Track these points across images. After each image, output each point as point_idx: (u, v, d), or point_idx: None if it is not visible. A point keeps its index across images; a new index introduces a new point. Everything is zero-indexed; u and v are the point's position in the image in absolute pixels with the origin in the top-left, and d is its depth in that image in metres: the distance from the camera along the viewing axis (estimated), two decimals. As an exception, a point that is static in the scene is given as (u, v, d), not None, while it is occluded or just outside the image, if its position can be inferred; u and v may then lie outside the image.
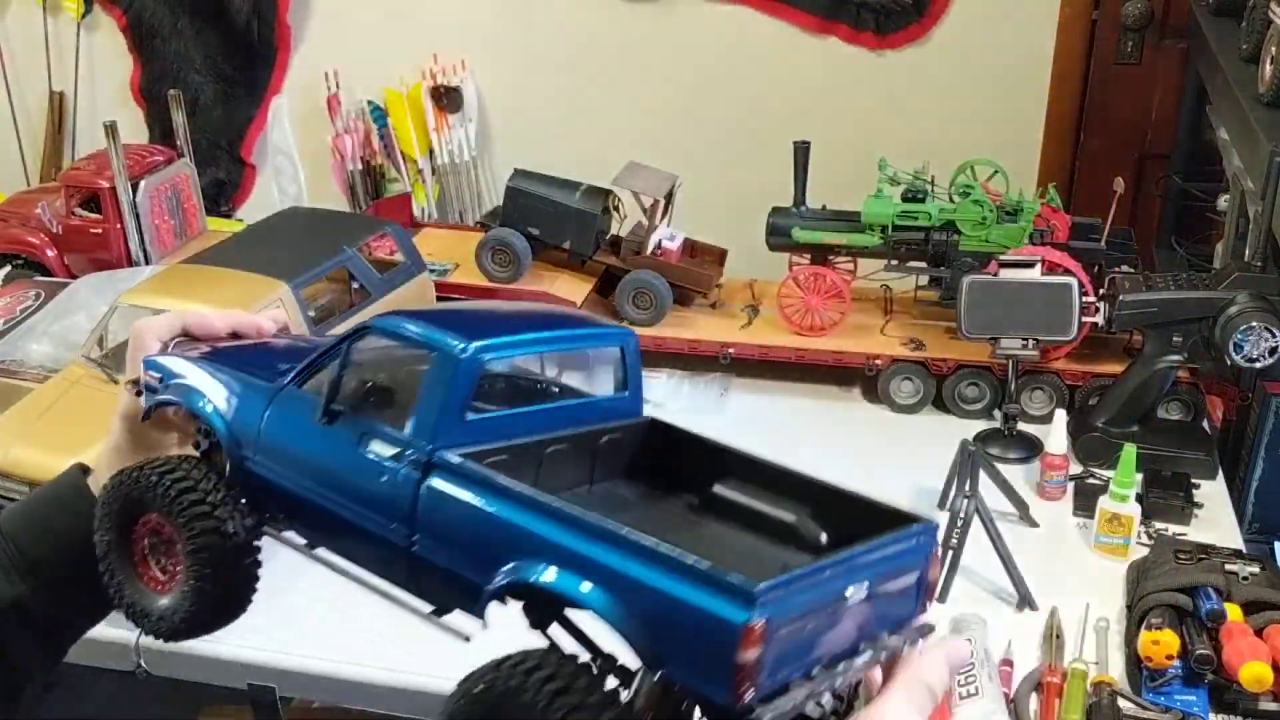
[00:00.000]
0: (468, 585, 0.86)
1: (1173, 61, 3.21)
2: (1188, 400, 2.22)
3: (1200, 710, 1.57)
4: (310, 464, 0.97)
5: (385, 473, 0.91)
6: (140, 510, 1.01)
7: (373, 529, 0.91)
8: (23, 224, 2.64)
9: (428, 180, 3.79)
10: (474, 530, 0.86)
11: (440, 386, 0.90)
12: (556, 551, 0.81)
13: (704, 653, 0.74)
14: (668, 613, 0.75)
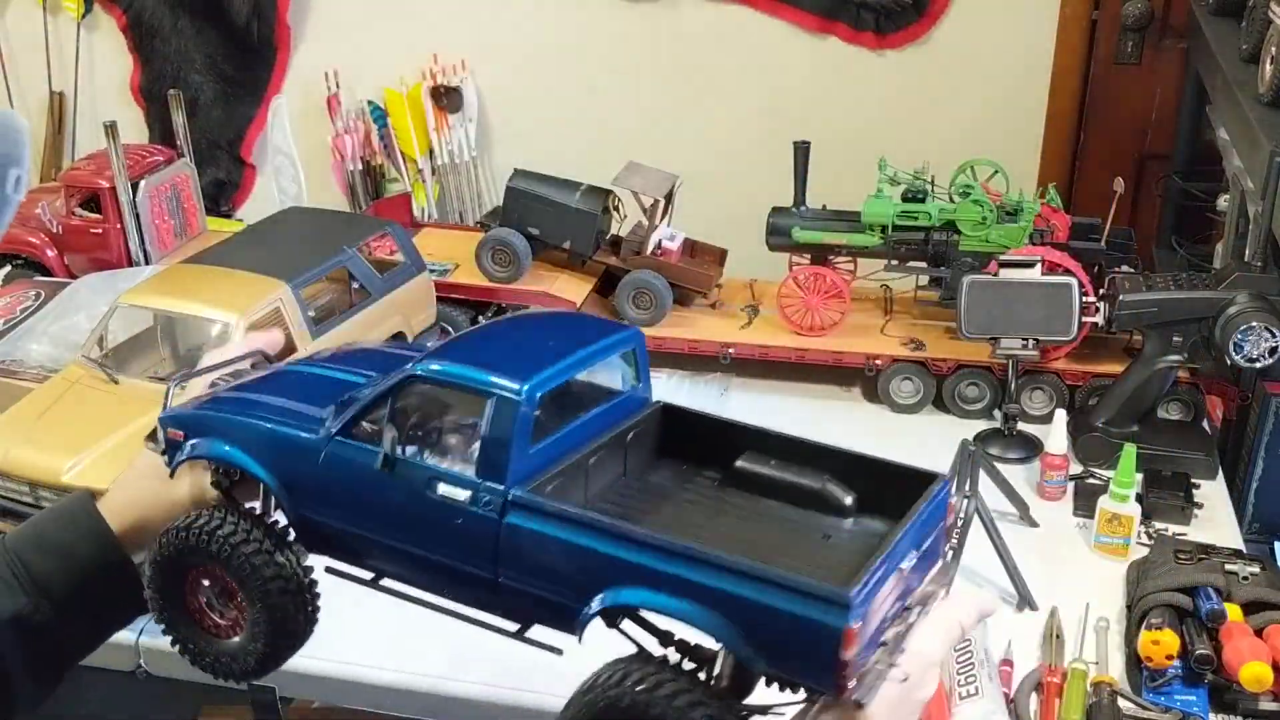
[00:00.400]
0: (560, 608, 0.93)
1: (1173, 61, 3.21)
2: (1188, 400, 2.23)
3: (1200, 710, 1.57)
4: (376, 512, 1.00)
5: (460, 515, 0.96)
6: (192, 564, 1.06)
7: (453, 565, 0.97)
8: (23, 224, 2.64)
9: (428, 180, 3.79)
10: (561, 560, 0.92)
11: (503, 429, 0.95)
12: (648, 574, 0.88)
13: (807, 655, 0.83)
14: (767, 622, 0.84)
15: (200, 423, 1.10)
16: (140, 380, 1.91)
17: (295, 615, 1.05)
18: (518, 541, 0.94)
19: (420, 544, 0.98)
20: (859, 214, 2.39)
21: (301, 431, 1.05)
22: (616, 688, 0.86)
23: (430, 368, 0.99)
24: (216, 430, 1.09)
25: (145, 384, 1.90)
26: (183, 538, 1.04)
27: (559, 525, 0.92)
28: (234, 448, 1.07)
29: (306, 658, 1.75)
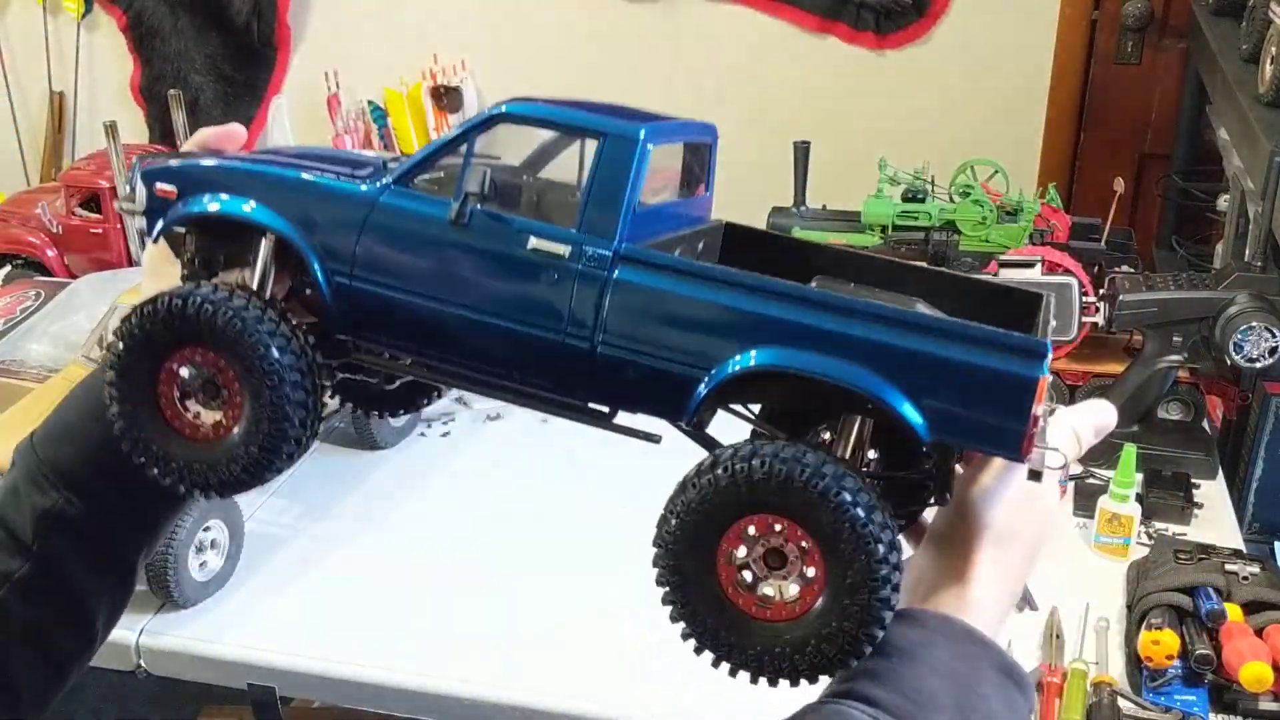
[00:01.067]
0: (670, 379, 0.83)
1: (1173, 61, 3.21)
2: (1188, 400, 2.22)
3: (1200, 710, 1.57)
4: (442, 271, 0.87)
5: (556, 271, 0.84)
6: (176, 346, 0.88)
7: (535, 333, 0.85)
8: (23, 224, 2.64)
9: (428, 180, 3.79)
10: (686, 320, 0.82)
11: (617, 175, 0.84)
12: (798, 331, 0.79)
13: (994, 412, 0.77)
14: (949, 379, 0.77)
15: (200, 176, 0.93)
16: (140, 380, 1.91)
17: (305, 415, 0.88)
18: (629, 299, 0.83)
19: (497, 310, 0.86)
20: (859, 214, 2.39)
21: (339, 180, 0.90)
22: (748, 461, 0.77)
23: (523, 108, 0.89)
24: (223, 184, 0.91)
25: (145, 384, 1.89)
26: (175, 309, 0.86)
27: (685, 280, 0.82)
28: (254, 202, 0.90)
29: (307, 658, 1.76)
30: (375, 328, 0.90)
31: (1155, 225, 3.16)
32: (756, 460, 0.77)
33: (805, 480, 0.76)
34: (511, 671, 1.68)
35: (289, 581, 1.83)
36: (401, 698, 1.69)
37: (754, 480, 0.77)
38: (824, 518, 0.77)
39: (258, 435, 0.87)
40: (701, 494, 0.79)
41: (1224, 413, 2.28)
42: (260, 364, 0.85)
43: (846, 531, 0.76)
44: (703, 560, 0.80)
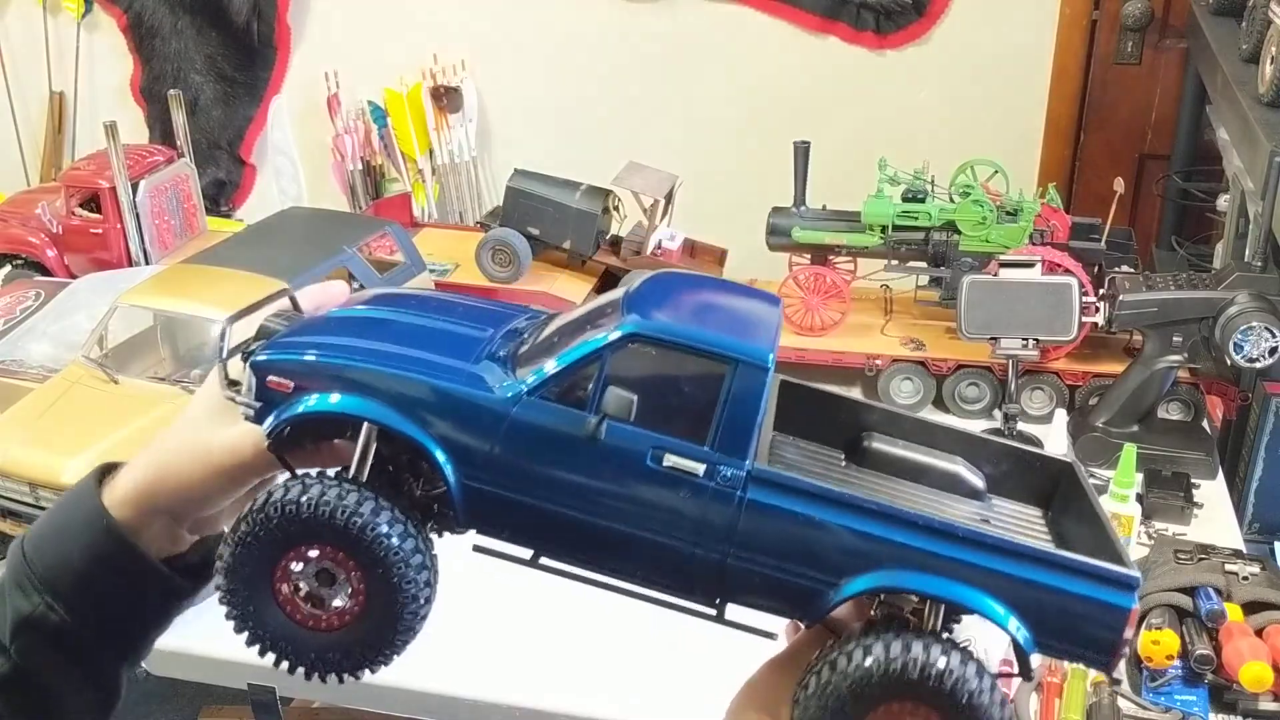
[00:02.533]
0: (798, 590, 0.89)
1: (1173, 61, 3.21)
2: (1188, 400, 2.22)
3: (1200, 710, 1.57)
4: (574, 481, 0.90)
5: (690, 489, 0.89)
6: (301, 542, 0.90)
7: (664, 542, 0.90)
8: (23, 224, 2.64)
9: (428, 180, 3.79)
10: (814, 541, 0.88)
11: (749, 399, 0.89)
12: (920, 556, 0.88)
13: (1092, 634, 0.87)
14: (1053, 604, 0.87)
15: (321, 372, 0.92)
16: (140, 380, 1.91)
17: (419, 614, 0.92)
18: (760, 519, 0.88)
19: (627, 520, 0.89)
20: (859, 214, 2.39)
21: (476, 389, 0.92)
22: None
23: (658, 327, 0.90)
24: (346, 382, 0.91)
25: (145, 384, 1.90)
26: (295, 511, 0.87)
27: (813, 503, 0.88)
28: (383, 406, 0.90)
29: (306, 658, 1.76)
30: (500, 526, 0.94)
31: (1155, 225, 3.16)
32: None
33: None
34: (511, 671, 1.68)
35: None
36: (401, 698, 1.68)
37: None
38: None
39: (381, 622, 0.91)
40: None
41: (1224, 413, 2.28)
42: (386, 556, 0.89)
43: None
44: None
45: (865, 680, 0.84)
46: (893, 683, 0.84)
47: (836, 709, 0.85)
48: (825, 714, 0.85)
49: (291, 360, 0.92)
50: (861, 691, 0.85)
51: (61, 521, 0.99)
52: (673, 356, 0.91)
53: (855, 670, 0.85)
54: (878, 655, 0.85)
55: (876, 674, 0.84)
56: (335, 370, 0.92)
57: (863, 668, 0.84)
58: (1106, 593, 0.86)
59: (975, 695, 0.86)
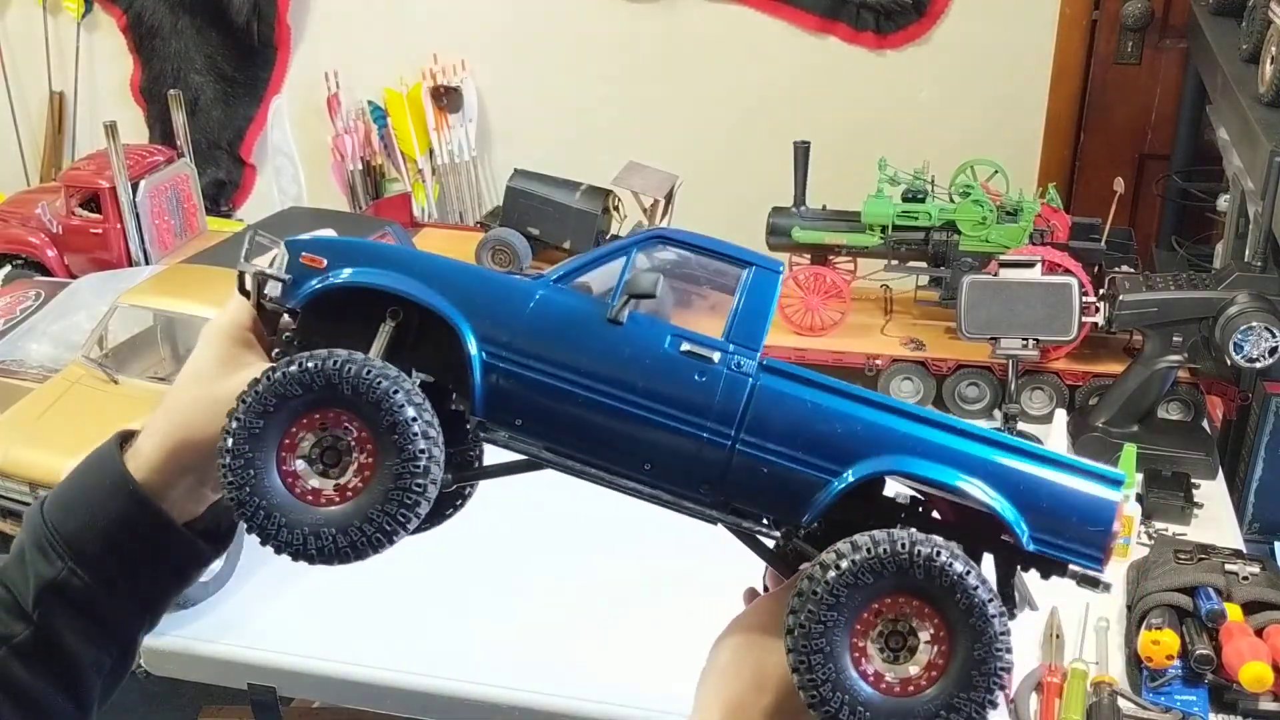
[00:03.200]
0: (801, 482, 0.91)
1: (1173, 61, 3.21)
2: (1188, 400, 2.22)
3: (1200, 710, 1.57)
4: (597, 363, 0.93)
5: (705, 373, 0.93)
6: (317, 406, 0.90)
7: (676, 425, 0.92)
8: (23, 224, 2.64)
9: (428, 180, 3.79)
10: (820, 426, 0.92)
11: (763, 298, 0.95)
12: (918, 445, 0.91)
13: (1081, 530, 0.90)
14: (1048, 498, 0.90)
15: (354, 251, 0.95)
16: (140, 380, 1.91)
17: (436, 473, 0.90)
18: (771, 405, 0.92)
19: (642, 402, 0.92)
20: (859, 214, 2.39)
21: (509, 276, 0.96)
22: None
23: (683, 233, 0.97)
24: (380, 262, 0.94)
25: (145, 384, 1.90)
26: (319, 371, 0.88)
27: (822, 392, 0.92)
28: (414, 278, 0.93)
29: (307, 658, 1.76)
30: (517, 412, 0.94)
31: (1155, 225, 3.16)
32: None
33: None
34: (512, 671, 1.68)
35: (289, 582, 1.83)
36: (401, 698, 1.69)
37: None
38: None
39: (395, 494, 0.89)
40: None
41: (1224, 413, 2.28)
42: (402, 423, 0.88)
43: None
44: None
45: (855, 572, 0.85)
46: (883, 573, 0.85)
47: (830, 605, 0.85)
48: (821, 611, 0.85)
49: (325, 241, 0.96)
50: (855, 582, 0.85)
51: (84, 486, 0.99)
52: (694, 260, 0.97)
53: (845, 563, 0.85)
54: (866, 546, 0.85)
55: (866, 564, 0.85)
56: (369, 252, 0.95)
57: (852, 559, 0.85)
58: (1097, 488, 0.91)
59: (967, 583, 0.85)
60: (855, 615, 0.86)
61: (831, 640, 0.85)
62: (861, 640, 0.87)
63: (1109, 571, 0.93)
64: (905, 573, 0.85)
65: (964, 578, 0.85)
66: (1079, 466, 0.91)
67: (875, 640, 0.87)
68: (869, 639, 0.87)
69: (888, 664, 0.87)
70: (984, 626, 0.86)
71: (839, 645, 0.86)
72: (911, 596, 0.86)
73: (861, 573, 0.85)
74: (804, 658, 0.85)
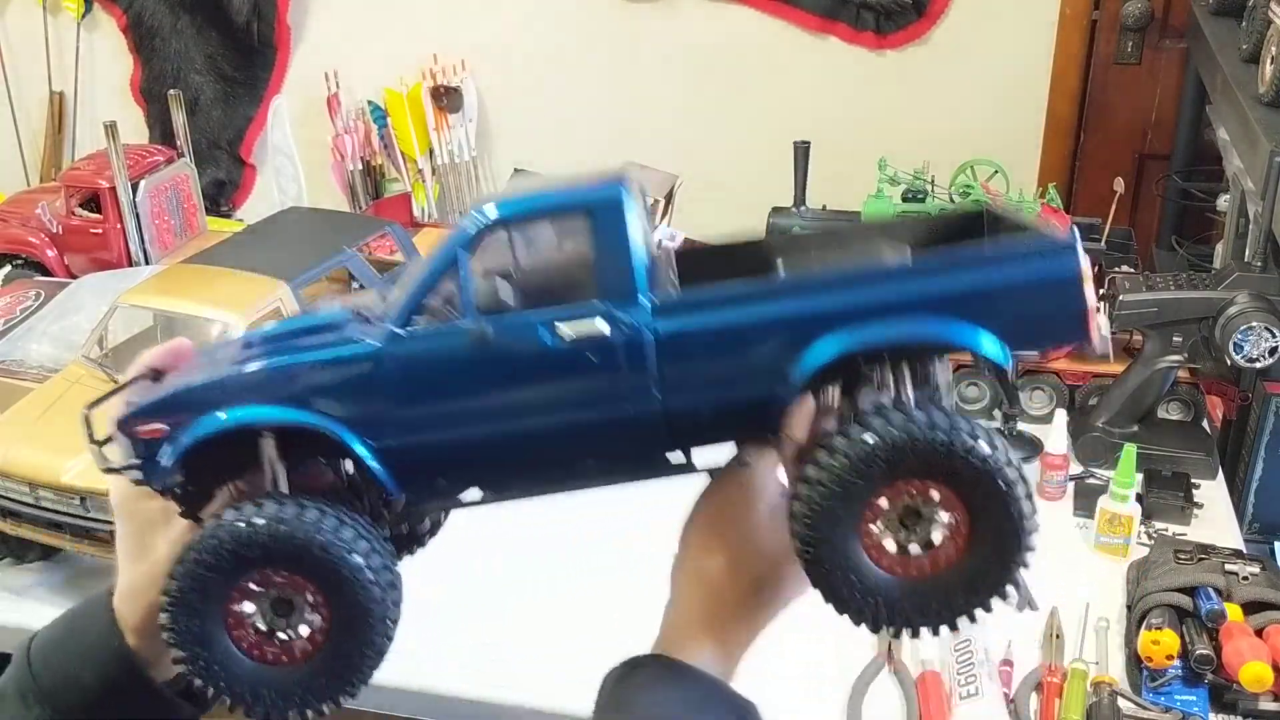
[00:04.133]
0: (749, 403, 0.83)
1: (1173, 61, 3.21)
2: (1188, 400, 2.22)
3: (1200, 710, 1.57)
4: (484, 395, 0.84)
5: (601, 351, 0.82)
6: (256, 568, 0.83)
7: (598, 417, 0.84)
8: (23, 224, 2.64)
9: (428, 180, 3.79)
10: (746, 347, 0.83)
11: (617, 237, 0.83)
12: (851, 314, 0.81)
13: (1054, 313, 0.83)
14: (1006, 301, 0.82)
15: (188, 400, 0.85)
16: (140, 380, 1.91)
17: (390, 623, 0.87)
18: (679, 347, 0.82)
19: (552, 411, 0.84)
20: (859, 214, 2.39)
21: (342, 348, 0.85)
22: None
23: (502, 207, 0.84)
24: (217, 399, 0.84)
25: (145, 384, 1.89)
26: (251, 533, 0.81)
27: (725, 309, 0.83)
28: (261, 405, 0.84)
29: (306, 658, 1.76)
30: (432, 480, 0.87)
31: (1155, 225, 3.15)
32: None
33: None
34: (512, 672, 1.68)
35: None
36: (401, 698, 1.69)
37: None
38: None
39: (357, 644, 0.85)
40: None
41: (1224, 413, 2.28)
42: (349, 574, 0.83)
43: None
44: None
45: (873, 455, 0.78)
46: (902, 456, 0.78)
47: (841, 496, 0.79)
48: (831, 501, 0.79)
49: (154, 402, 0.86)
50: (867, 470, 0.78)
51: (72, 635, 0.96)
52: (530, 231, 0.87)
53: (860, 446, 0.78)
54: (878, 427, 0.78)
55: (882, 449, 0.78)
56: (199, 394, 0.85)
57: (865, 444, 0.78)
58: (1050, 263, 0.82)
59: (993, 462, 0.78)
60: (869, 497, 0.80)
61: (843, 525, 0.79)
62: (874, 522, 0.80)
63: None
64: (931, 457, 0.78)
65: (995, 462, 0.78)
66: (1023, 249, 0.83)
67: (889, 522, 0.80)
68: (882, 520, 0.80)
69: (901, 544, 0.81)
70: (1010, 509, 0.79)
71: (849, 530, 0.80)
72: (934, 479, 0.79)
73: (878, 457, 0.78)
74: (811, 546, 0.80)
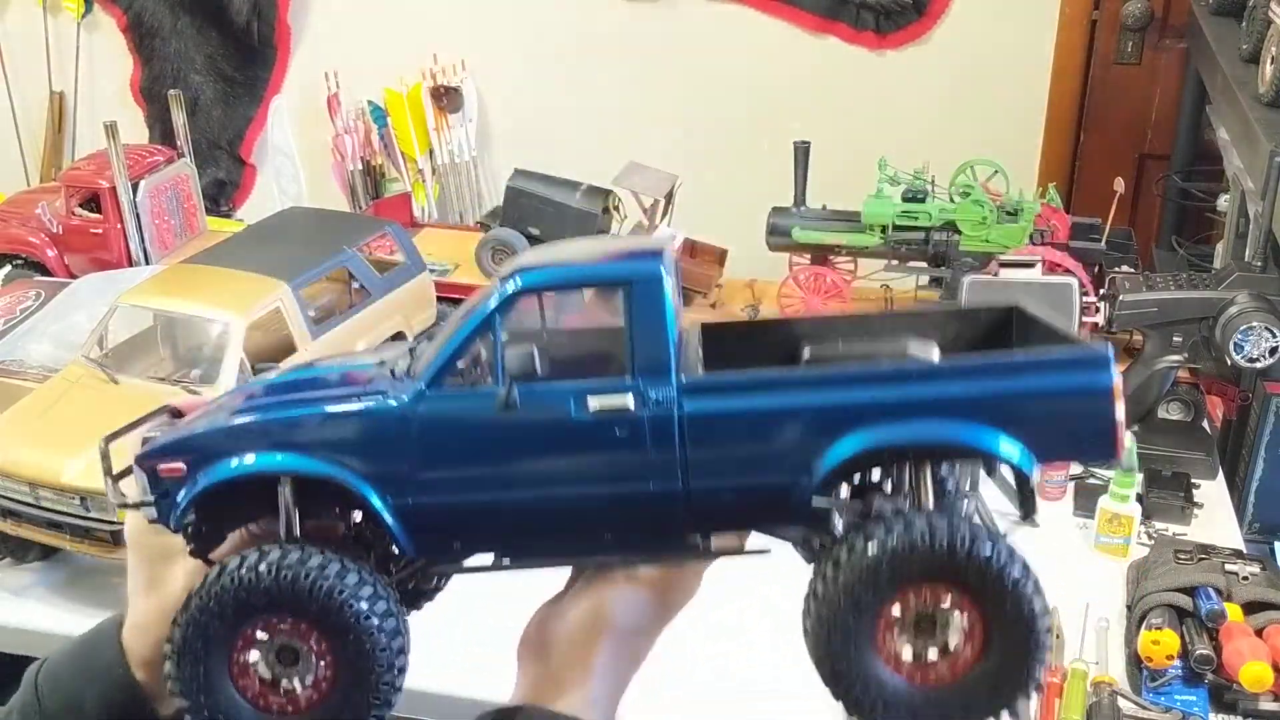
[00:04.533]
0: (771, 491, 0.83)
1: (1173, 61, 3.21)
2: (1188, 400, 2.22)
3: (1200, 710, 1.57)
4: (506, 462, 0.84)
5: (626, 426, 0.82)
6: (261, 615, 0.82)
7: (621, 492, 0.83)
8: (23, 224, 2.64)
9: (428, 180, 3.79)
10: (768, 431, 0.82)
11: (652, 316, 0.83)
12: (883, 410, 0.81)
13: (1082, 425, 0.82)
14: (1035, 408, 0.81)
15: (210, 440, 0.85)
16: (140, 380, 1.91)
17: (397, 671, 0.86)
18: (707, 429, 0.82)
19: (575, 483, 0.84)
20: (859, 214, 2.39)
21: (373, 403, 0.84)
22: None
23: (541, 275, 0.84)
24: (235, 443, 0.84)
25: (145, 384, 1.89)
26: (255, 580, 0.80)
27: (754, 394, 0.82)
28: (283, 454, 0.83)
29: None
30: (448, 542, 0.87)
31: (1155, 225, 3.16)
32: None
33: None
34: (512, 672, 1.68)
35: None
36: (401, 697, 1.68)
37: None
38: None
39: (363, 693, 0.84)
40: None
41: (1224, 413, 2.28)
42: (354, 621, 0.81)
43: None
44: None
45: (874, 568, 0.78)
46: (906, 563, 0.78)
47: (850, 608, 0.78)
48: (841, 615, 0.78)
49: (175, 441, 0.85)
50: (874, 581, 0.78)
51: (80, 663, 0.95)
52: (565, 301, 0.87)
53: (861, 559, 0.78)
54: (880, 537, 0.78)
55: (885, 558, 0.77)
56: (223, 436, 0.84)
57: (868, 555, 0.78)
58: (1082, 376, 0.81)
59: (998, 563, 0.78)
60: (879, 607, 0.79)
61: (857, 637, 0.79)
62: (889, 631, 0.80)
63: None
64: (944, 561, 0.77)
65: (999, 561, 0.78)
66: (1059, 359, 0.83)
67: (905, 629, 0.80)
68: (897, 629, 0.80)
69: (918, 652, 0.80)
70: (1021, 607, 0.79)
71: (864, 642, 0.79)
72: (943, 583, 0.79)
73: (882, 566, 0.78)
74: (827, 662, 0.80)
